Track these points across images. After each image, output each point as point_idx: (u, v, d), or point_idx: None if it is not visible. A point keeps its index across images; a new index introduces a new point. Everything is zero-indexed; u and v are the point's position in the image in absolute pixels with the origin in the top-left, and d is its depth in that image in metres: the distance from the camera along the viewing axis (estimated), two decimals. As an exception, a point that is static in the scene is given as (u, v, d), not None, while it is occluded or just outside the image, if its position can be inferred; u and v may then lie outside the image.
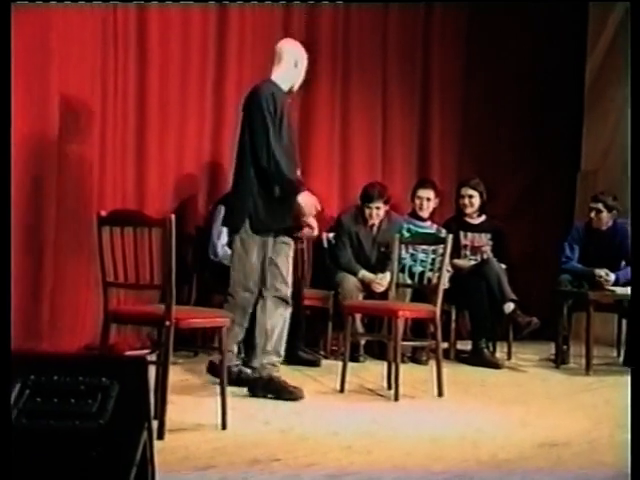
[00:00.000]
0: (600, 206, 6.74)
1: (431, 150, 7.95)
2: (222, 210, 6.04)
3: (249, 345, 5.21)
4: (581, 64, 8.30)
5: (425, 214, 6.96)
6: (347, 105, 7.42)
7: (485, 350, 6.61)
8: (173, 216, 4.00)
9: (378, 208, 6.74)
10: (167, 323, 3.98)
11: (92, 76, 5.95)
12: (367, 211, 6.77)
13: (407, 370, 5.58)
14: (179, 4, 6.35)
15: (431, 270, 5.93)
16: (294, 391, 4.97)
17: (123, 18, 6.14)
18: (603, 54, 8.16)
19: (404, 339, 5.58)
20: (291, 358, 6.11)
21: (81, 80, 5.89)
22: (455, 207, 7.20)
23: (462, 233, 6.97)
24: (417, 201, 6.97)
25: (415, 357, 6.49)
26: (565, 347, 6.67)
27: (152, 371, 3.77)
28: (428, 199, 6.95)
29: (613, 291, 6.44)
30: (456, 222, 7.05)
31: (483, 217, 7.12)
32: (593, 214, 6.78)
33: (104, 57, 6.02)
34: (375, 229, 6.84)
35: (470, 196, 7.02)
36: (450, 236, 5.61)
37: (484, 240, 7.04)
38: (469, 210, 7.03)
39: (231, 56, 6.73)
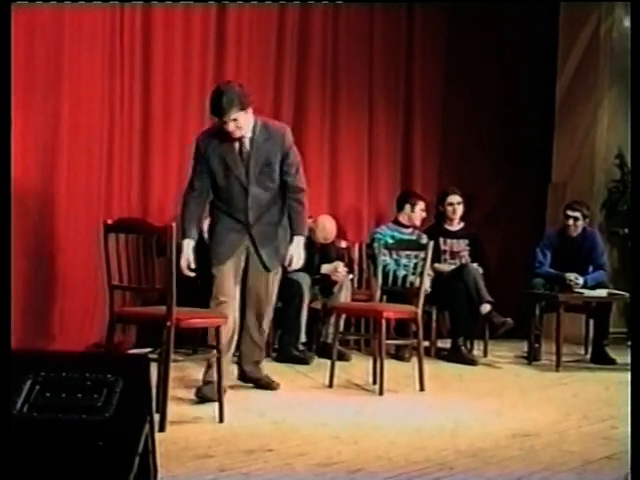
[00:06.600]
0: (578, 214, 6.74)
1: (413, 164, 7.94)
2: None
3: None
4: (552, 83, 8.33)
5: (418, 222, 6.95)
6: (336, 123, 7.40)
7: (463, 348, 6.61)
8: (174, 224, 4.01)
9: (235, 120, 4.60)
10: (168, 323, 3.98)
11: (101, 91, 5.95)
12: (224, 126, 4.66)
13: (391, 366, 5.56)
14: (180, 4, 6.29)
15: (413, 274, 5.93)
16: None
17: (129, 36, 6.12)
18: (572, 74, 8.17)
19: (388, 338, 5.57)
20: (285, 355, 6.12)
21: (89, 96, 5.89)
22: (435, 215, 7.22)
23: (442, 239, 6.98)
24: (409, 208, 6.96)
25: (398, 354, 6.49)
26: (537, 345, 6.68)
27: (154, 368, 3.79)
28: (422, 210, 6.97)
29: (582, 293, 6.43)
30: (436, 229, 7.06)
31: (462, 224, 7.15)
32: (571, 222, 6.74)
33: (111, 71, 6.01)
34: (247, 144, 4.75)
35: (458, 202, 7.04)
36: (431, 242, 5.63)
37: (462, 246, 7.06)
38: (456, 215, 7.04)
39: (229, 64, 6.67)
